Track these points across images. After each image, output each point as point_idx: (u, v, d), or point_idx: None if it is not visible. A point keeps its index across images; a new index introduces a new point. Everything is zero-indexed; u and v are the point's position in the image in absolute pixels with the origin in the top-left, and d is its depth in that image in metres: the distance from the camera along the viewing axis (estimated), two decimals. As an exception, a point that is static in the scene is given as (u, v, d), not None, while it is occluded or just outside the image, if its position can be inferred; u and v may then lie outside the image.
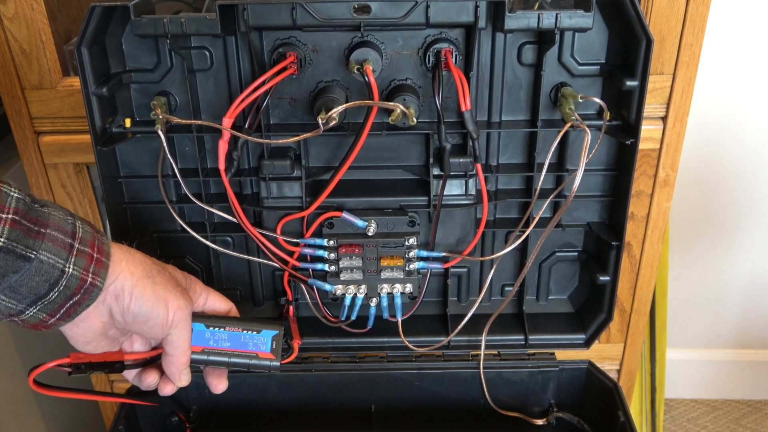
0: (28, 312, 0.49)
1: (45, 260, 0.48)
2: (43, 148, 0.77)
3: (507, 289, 0.77)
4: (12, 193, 0.47)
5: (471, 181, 0.69)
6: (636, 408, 1.29)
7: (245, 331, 0.61)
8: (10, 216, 0.46)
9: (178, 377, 0.58)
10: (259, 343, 0.61)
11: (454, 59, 0.63)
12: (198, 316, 0.60)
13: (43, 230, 0.48)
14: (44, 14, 0.70)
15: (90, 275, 0.50)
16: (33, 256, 0.47)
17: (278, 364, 0.62)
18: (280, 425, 0.73)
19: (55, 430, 1.01)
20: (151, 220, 0.72)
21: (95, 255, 0.51)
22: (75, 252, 0.49)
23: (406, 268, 0.69)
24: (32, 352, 0.96)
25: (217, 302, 0.62)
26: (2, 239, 0.45)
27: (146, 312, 0.53)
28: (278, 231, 0.69)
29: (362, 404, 0.79)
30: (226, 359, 0.61)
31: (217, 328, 0.60)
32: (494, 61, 0.65)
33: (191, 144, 0.68)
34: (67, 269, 0.49)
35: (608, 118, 0.65)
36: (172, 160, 0.65)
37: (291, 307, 0.74)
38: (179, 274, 0.59)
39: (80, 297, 0.50)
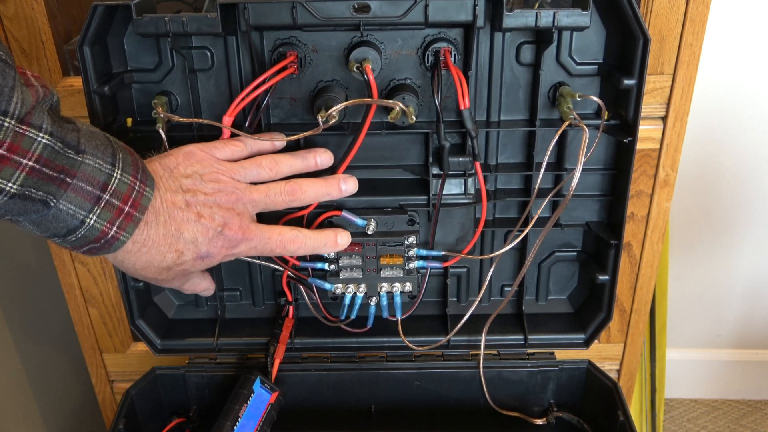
0: (52, 240, 0.49)
1: (63, 209, 0.47)
2: (44, 148, 0.77)
3: (506, 288, 0.78)
4: (39, 138, 0.45)
5: (470, 180, 0.69)
6: (636, 408, 1.29)
7: (247, 407, 0.68)
8: (30, 163, 0.44)
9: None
10: (262, 400, 0.69)
11: (453, 59, 0.63)
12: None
13: (68, 180, 0.46)
14: (44, 14, 0.70)
15: (113, 228, 0.49)
16: (52, 204, 0.46)
17: (278, 393, 0.71)
18: (279, 425, 0.73)
19: (55, 430, 1.01)
20: (152, 220, 0.72)
21: (126, 209, 0.49)
22: (102, 204, 0.48)
23: (406, 267, 0.69)
24: (32, 351, 0.96)
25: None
26: (15, 186, 0.44)
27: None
28: (278, 230, 0.69)
29: (362, 404, 0.79)
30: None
31: (238, 425, 0.67)
32: (493, 61, 0.65)
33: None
34: (88, 220, 0.48)
35: (606, 117, 0.65)
36: (172, 160, 0.65)
37: (291, 308, 0.74)
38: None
39: (100, 245, 0.49)
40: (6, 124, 0.43)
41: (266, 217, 0.70)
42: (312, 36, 0.64)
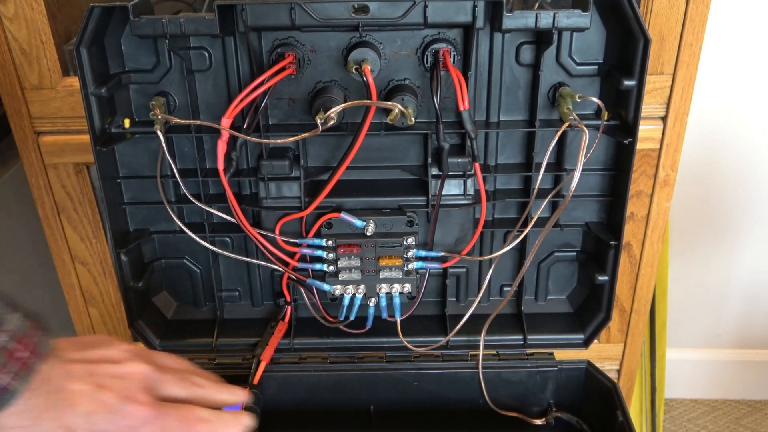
0: None
1: None
2: (43, 148, 0.77)
3: (506, 289, 0.77)
4: None
5: (469, 181, 0.69)
6: (636, 408, 1.29)
7: None
8: None
9: None
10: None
11: (452, 59, 0.63)
12: None
13: None
14: (44, 14, 0.70)
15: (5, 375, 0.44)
16: None
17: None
18: (278, 426, 0.73)
19: (55, 430, 1.00)
20: (151, 221, 0.72)
21: (20, 354, 0.44)
22: None
23: (405, 268, 0.69)
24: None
25: None
26: None
27: None
28: (277, 231, 0.69)
29: (361, 405, 0.79)
30: None
31: None
32: (492, 61, 0.65)
33: (190, 144, 0.68)
34: None
35: (606, 117, 0.65)
36: (171, 161, 0.65)
37: (288, 309, 0.74)
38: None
39: None
40: None
41: (264, 216, 0.70)
42: (310, 36, 0.64)
